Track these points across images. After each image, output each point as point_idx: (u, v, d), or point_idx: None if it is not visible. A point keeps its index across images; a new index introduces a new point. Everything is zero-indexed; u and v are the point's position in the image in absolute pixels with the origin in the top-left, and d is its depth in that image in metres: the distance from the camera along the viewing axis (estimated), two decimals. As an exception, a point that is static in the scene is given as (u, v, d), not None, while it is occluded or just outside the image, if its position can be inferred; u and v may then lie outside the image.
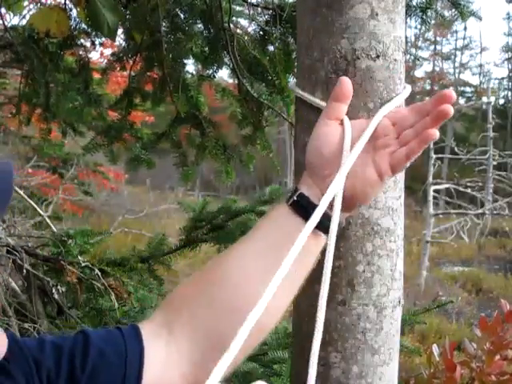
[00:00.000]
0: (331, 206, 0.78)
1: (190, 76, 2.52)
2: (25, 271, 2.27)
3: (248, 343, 0.80)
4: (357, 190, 0.79)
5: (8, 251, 2.31)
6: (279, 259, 0.77)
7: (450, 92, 0.76)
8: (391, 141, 0.79)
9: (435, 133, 0.76)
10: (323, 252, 0.81)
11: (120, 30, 2.27)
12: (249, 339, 0.80)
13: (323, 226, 0.78)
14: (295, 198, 0.80)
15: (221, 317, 0.78)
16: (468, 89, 28.23)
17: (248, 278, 0.79)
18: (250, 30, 2.48)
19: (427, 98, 0.83)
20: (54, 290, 2.23)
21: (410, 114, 0.79)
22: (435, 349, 2.80)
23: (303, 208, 0.79)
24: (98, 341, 0.76)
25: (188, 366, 0.77)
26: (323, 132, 0.81)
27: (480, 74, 28.34)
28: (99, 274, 2.22)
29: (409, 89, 0.89)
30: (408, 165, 0.81)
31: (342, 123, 0.81)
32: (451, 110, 0.75)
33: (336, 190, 0.77)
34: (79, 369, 0.73)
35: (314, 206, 0.78)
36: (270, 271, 0.77)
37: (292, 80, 2.24)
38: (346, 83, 0.80)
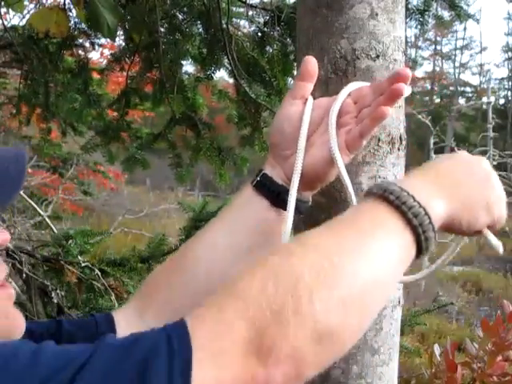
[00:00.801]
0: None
1: (186, 77, 2.52)
2: (24, 275, 2.26)
3: None
4: (317, 168, 0.78)
5: (8, 254, 2.31)
6: (246, 241, 0.78)
7: (404, 70, 0.74)
8: (350, 119, 0.78)
9: (387, 110, 0.74)
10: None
11: (119, 31, 2.28)
12: None
13: (285, 203, 0.78)
14: (258, 179, 0.80)
15: (193, 304, 0.78)
16: (468, 89, 28.23)
17: (218, 262, 0.79)
18: (248, 31, 2.48)
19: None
20: (53, 294, 2.23)
21: (370, 92, 0.78)
22: (437, 349, 2.80)
23: (266, 187, 0.79)
24: (69, 326, 0.77)
25: None
26: (287, 111, 0.80)
27: (480, 74, 28.37)
28: (99, 274, 2.22)
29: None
30: (364, 143, 0.79)
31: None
32: (404, 89, 0.73)
33: (298, 166, 0.77)
34: None
35: (276, 186, 0.79)
36: (238, 255, 0.78)
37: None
38: (312, 62, 0.79)
